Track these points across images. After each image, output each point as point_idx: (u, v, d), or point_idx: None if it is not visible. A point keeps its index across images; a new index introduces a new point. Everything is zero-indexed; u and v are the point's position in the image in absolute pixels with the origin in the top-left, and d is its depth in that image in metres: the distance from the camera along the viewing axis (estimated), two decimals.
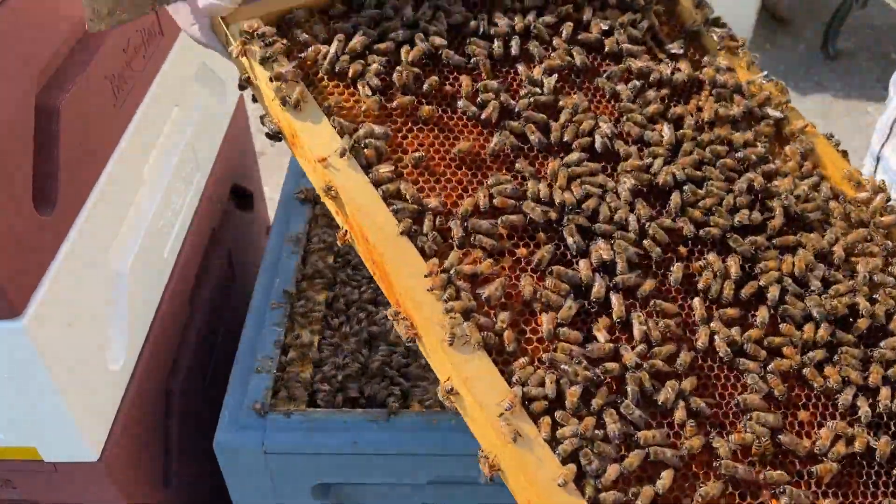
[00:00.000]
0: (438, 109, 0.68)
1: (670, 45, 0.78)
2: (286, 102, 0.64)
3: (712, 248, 0.67)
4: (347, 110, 0.67)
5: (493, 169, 0.67)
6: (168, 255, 0.98)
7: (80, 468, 0.82)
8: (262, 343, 0.91)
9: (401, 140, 0.66)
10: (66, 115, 0.72)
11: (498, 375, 0.58)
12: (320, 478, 0.85)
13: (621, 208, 0.65)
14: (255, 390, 0.86)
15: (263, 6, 0.68)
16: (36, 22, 0.70)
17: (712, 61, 0.78)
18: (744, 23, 2.98)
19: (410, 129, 0.67)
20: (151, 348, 0.92)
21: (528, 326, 0.61)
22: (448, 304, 0.58)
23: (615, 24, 0.76)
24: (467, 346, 0.58)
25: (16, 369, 0.71)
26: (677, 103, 0.75)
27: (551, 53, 0.73)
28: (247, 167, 1.34)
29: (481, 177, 0.66)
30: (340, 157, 0.62)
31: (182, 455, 1.00)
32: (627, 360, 0.59)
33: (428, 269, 0.60)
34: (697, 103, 0.75)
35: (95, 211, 0.79)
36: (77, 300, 0.76)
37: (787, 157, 0.75)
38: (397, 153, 0.66)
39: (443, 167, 0.66)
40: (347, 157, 0.63)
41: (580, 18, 0.76)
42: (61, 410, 0.75)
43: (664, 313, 0.63)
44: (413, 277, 0.60)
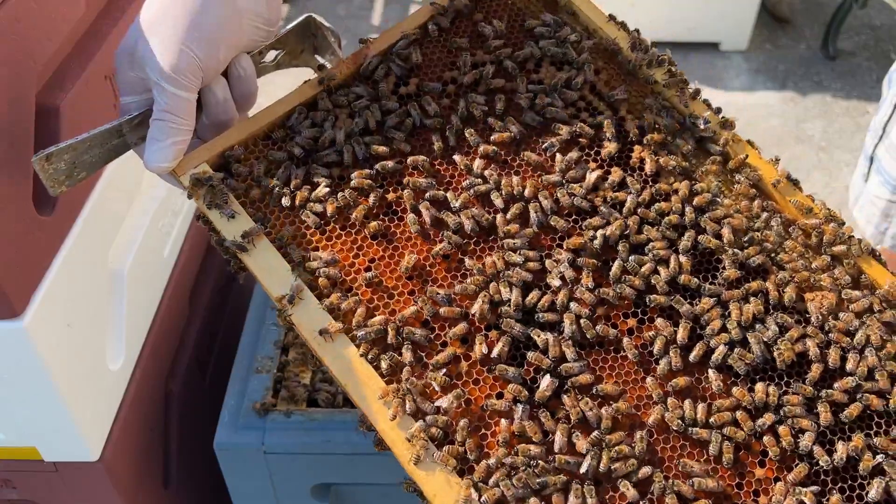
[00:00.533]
0: (385, 220, 0.68)
1: (612, 92, 0.76)
2: (242, 248, 0.64)
3: (661, 313, 0.66)
4: (300, 238, 0.67)
5: (443, 272, 0.66)
6: (168, 255, 0.98)
7: (79, 468, 0.82)
8: (262, 343, 0.91)
9: (353, 260, 0.66)
10: (66, 114, 0.72)
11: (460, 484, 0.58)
12: (320, 478, 0.85)
13: (562, 292, 0.65)
14: (255, 390, 0.86)
15: (210, 148, 0.68)
16: (36, 22, 0.70)
17: (653, 105, 0.75)
18: (744, 23, 2.98)
19: (360, 246, 0.67)
20: (151, 348, 0.92)
21: (489, 430, 0.61)
22: (408, 433, 0.59)
23: (547, 89, 0.74)
24: (434, 464, 0.58)
25: (16, 369, 0.71)
26: (619, 159, 0.73)
27: (489, 136, 0.72)
28: None
29: (431, 283, 0.66)
30: (290, 303, 0.63)
31: (182, 455, 1.00)
32: (582, 468, 0.59)
33: (382, 393, 0.60)
34: (640, 154, 0.73)
35: (95, 211, 0.79)
36: (77, 300, 0.76)
37: (737, 195, 0.73)
38: (350, 273, 0.66)
39: (394, 280, 0.65)
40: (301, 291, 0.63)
41: (514, 88, 0.75)
42: (61, 410, 0.75)
43: (610, 397, 0.62)
44: (375, 400, 0.60)
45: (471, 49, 0.77)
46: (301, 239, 0.67)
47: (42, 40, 0.71)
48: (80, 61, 0.77)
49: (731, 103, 2.88)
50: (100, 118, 0.79)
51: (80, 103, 0.74)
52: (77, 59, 0.77)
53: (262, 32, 0.69)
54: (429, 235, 0.68)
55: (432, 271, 0.67)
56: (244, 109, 0.72)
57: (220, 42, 0.65)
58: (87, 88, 0.76)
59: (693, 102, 0.77)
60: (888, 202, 1.12)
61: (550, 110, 0.74)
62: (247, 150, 0.70)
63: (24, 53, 0.68)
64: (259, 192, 0.68)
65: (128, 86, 0.66)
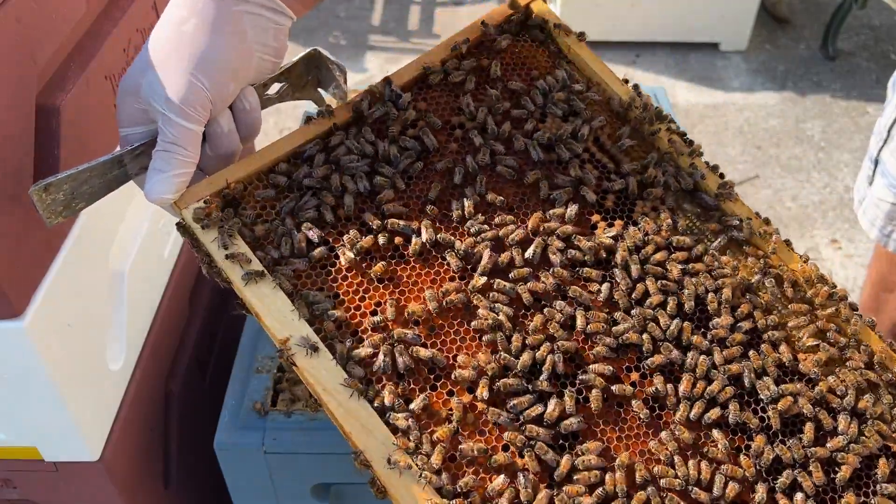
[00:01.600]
0: (391, 263, 0.68)
1: (616, 143, 0.76)
2: (247, 280, 0.64)
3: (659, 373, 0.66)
4: (304, 278, 0.66)
5: (449, 318, 0.66)
6: (168, 255, 0.98)
7: (80, 468, 0.82)
8: (262, 343, 0.91)
9: (358, 302, 0.66)
10: (66, 114, 0.72)
11: None
12: (320, 478, 0.85)
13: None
14: (255, 390, 0.86)
15: (212, 183, 0.67)
16: (37, 22, 0.70)
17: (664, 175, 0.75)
18: (743, 23, 2.99)
19: (367, 288, 0.66)
20: (151, 348, 0.92)
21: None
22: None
23: (553, 139, 0.75)
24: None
25: (16, 369, 0.71)
26: (623, 213, 0.74)
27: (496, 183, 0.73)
28: None
29: (438, 331, 0.65)
30: (302, 347, 0.62)
31: (182, 455, 1.00)
32: None
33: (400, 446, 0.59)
34: (643, 209, 0.74)
35: (95, 212, 0.78)
36: (77, 301, 0.76)
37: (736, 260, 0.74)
38: (356, 317, 0.65)
39: (399, 325, 0.65)
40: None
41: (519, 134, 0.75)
42: (61, 410, 0.75)
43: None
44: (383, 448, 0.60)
45: (475, 94, 0.77)
46: (306, 280, 0.66)
47: (42, 40, 0.71)
48: (80, 62, 0.77)
49: (730, 103, 2.88)
50: (100, 119, 0.79)
51: (81, 104, 0.75)
52: (78, 59, 0.77)
53: (269, 65, 0.69)
54: (435, 280, 0.67)
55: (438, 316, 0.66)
56: (248, 141, 0.72)
57: (229, 74, 0.65)
58: (87, 89, 0.76)
59: (697, 160, 0.78)
60: (892, 205, 1.12)
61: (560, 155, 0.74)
62: (249, 186, 0.69)
63: (24, 54, 0.68)
64: (263, 230, 0.67)
65: (130, 117, 0.66)
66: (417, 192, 0.72)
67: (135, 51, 0.87)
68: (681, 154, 0.77)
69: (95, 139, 0.80)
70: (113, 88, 0.82)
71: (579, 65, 0.80)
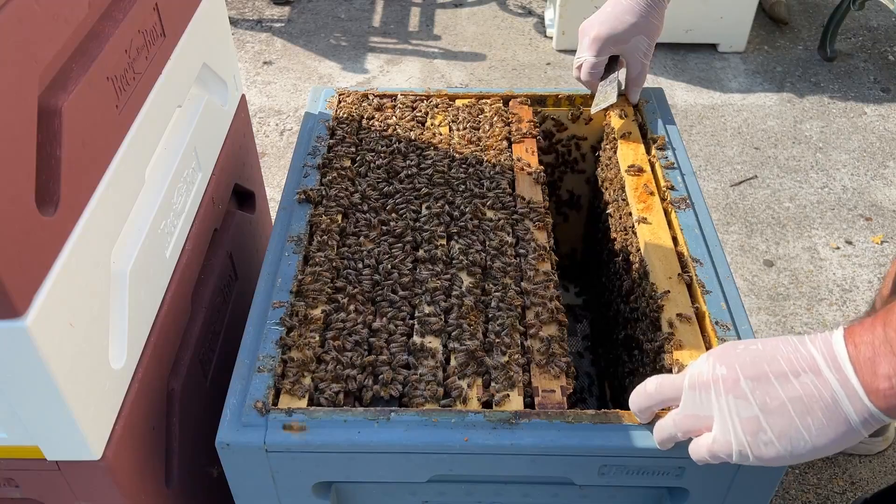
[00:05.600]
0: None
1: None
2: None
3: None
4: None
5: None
6: (170, 255, 0.98)
7: (82, 467, 0.82)
8: (264, 342, 0.92)
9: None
10: (68, 116, 0.72)
11: None
12: (321, 476, 0.85)
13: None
14: (257, 389, 0.86)
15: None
16: (38, 23, 0.70)
17: None
18: (742, 24, 2.99)
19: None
20: (153, 347, 0.92)
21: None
22: None
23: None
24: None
25: (18, 369, 0.72)
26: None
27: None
28: (249, 168, 1.35)
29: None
30: None
31: (183, 453, 1.00)
32: None
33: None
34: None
35: (98, 212, 0.79)
36: (79, 300, 0.76)
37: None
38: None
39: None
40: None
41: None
42: (63, 410, 0.75)
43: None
44: None
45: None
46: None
47: (44, 42, 0.72)
48: (82, 63, 0.77)
49: (728, 104, 2.88)
50: (102, 120, 0.80)
51: (83, 105, 0.75)
52: (79, 60, 0.77)
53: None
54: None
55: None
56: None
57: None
58: (89, 90, 0.76)
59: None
60: None
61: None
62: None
63: (26, 55, 0.68)
64: None
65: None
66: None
67: (136, 52, 0.87)
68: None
69: (98, 140, 0.80)
70: (115, 90, 0.82)
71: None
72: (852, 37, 3.16)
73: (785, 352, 0.65)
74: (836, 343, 0.63)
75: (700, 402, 0.69)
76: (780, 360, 0.65)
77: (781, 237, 2.28)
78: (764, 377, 0.65)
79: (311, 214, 1.09)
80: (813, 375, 0.63)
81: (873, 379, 0.60)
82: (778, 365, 0.64)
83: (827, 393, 0.62)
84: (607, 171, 1.31)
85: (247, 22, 3.23)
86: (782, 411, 0.63)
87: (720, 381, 0.67)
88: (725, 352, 0.68)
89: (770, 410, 0.64)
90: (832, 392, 0.62)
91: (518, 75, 2.97)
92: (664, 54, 3.04)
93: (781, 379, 0.64)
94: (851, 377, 0.61)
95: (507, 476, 0.87)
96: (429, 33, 3.19)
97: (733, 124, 2.71)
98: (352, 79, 2.88)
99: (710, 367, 0.68)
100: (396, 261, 1.03)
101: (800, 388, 0.63)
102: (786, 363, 0.64)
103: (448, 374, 0.89)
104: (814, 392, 0.62)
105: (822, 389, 0.62)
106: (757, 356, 0.66)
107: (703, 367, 0.69)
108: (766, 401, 0.64)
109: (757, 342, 0.67)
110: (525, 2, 3.48)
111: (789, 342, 0.66)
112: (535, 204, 1.12)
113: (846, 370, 0.61)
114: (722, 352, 0.68)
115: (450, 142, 1.24)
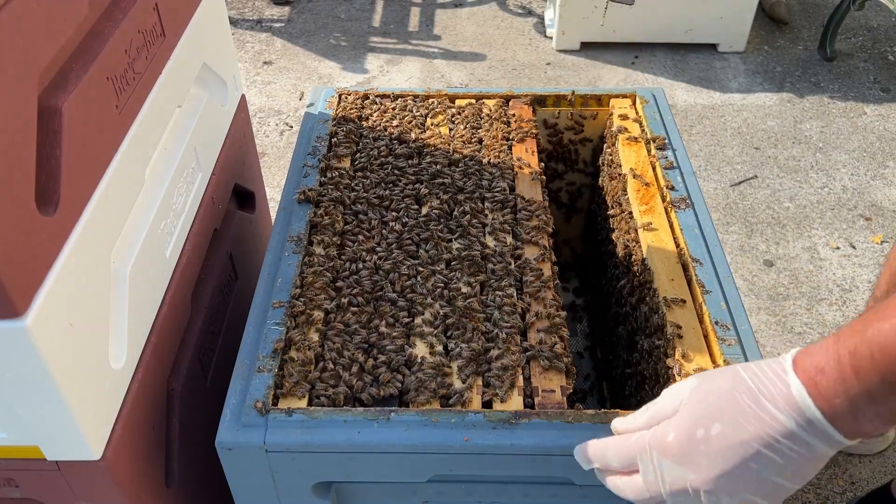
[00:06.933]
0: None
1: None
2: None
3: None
4: None
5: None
6: (170, 255, 0.98)
7: (82, 467, 0.82)
8: (264, 342, 0.92)
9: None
10: (68, 116, 0.72)
11: None
12: (321, 476, 0.85)
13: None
14: (257, 389, 0.86)
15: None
16: (38, 23, 0.70)
17: None
18: (742, 24, 2.99)
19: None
20: (153, 347, 0.92)
21: None
22: None
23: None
24: None
25: (18, 369, 0.72)
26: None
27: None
28: (249, 168, 1.35)
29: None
30: None
31: (183, 453, 1.00)
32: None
33: None
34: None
35: (98, 211, 0.79)
36: (79, 300, 0.76)
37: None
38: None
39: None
40: None
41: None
42: (63, 410, 0.75)
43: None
44: None
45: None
46: None
47: (44, 41, 0.72)
48: (82, 63, 0.77)
49: (728, 104, 2.88)
50: (102, 120, 0.80)
51: (83, 105, 0.75)
52: (79, 60, 0.77)
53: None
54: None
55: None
56: None
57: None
58: (89, 90, 0.76)
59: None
60: None
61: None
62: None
63: (26, 55, 0.68)
64: None
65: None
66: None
67: (136, 52, 0.88)
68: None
69: (98, 140, 0.80)
70: (115, 90, 0.82)
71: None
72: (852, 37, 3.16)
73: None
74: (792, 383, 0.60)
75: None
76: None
77: (781, 237, 2.28)
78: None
79: (311, 214, 1.09)
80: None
81: (811, 372, 0.59)
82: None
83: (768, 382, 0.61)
84: (609, 171, 1.31)
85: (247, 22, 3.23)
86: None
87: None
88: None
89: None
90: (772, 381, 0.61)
91: (518, 75, 2.97)
92: (664, 54, 3.04)
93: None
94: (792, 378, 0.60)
95: (507, 476, 0.87)
96: (429, 33, 3.19)
97: (733, 124, 2.71)
98: (352, 79, 2.88)
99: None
100: (396, 261, 1.03)
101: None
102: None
103: (448, 374, 0.89)
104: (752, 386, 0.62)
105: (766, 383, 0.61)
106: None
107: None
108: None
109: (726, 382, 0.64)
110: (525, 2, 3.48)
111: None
112: (535, 204, 1.12)
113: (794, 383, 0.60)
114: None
115: (450, 142, 1.24)
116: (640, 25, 2.96)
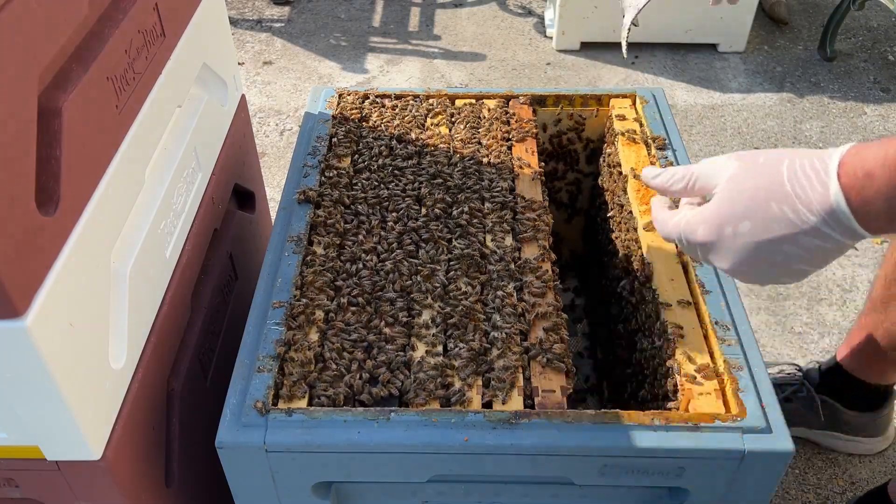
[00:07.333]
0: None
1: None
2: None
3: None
4: None
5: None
6: (170, 255, 0.99)
7: (82, 467, 0.82)
8: (264, 342, 0.92)
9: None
10: (68, 116, 0.72)
11: None
12: (321, 476, 0.85)
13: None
14: (257, 389, 0.86)
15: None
16: (38, 23, 0.70)
17: None
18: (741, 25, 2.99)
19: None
20: (153, 347, 0.92)
21: None
22: None
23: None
24: None
25: (18, 369, 0.72)
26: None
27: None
28: (249, 168, 1.35)
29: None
30: None
31: (183, 453, 1.00)
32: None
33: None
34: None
35: (98, 211, 0.79)
36: (79, 300, 0.76)
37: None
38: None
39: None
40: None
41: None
42: (63, 410, 0.75)
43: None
44: None
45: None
46: None
47: (44, 41, 0.72)
48: (82, 63, 0.77)
49: (728, 104, 2.88)
50: (102, 120, 0.80)
51: (83, 105, 0.75)
52: (79, 60, 0.77)
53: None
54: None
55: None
56: None
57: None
58: (89, 90, 0.76)
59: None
60: None
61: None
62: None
63: (26, 55, 0.68)
64: None
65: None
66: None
67: (136, 52, 0.87)
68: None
69: (98, 140, 0.80)
70: (115, 90, 0.82)
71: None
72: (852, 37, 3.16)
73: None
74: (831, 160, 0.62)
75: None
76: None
77: None
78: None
79: (311, 214, 1.09)
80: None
81: (858, 175, 0.59)
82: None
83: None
84: (609, 171, 1.31)
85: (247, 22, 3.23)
86: (754, 195, 0.64)
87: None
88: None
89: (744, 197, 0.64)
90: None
91: (518, 75, 2.97)
92: (664, 54, 3.05)
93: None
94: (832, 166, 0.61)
95: (507, 476, 0.87)
96: (429, 33, 3.19)
97: (733, 124, 2.71)
98: (352, 79, 2.88)
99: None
100: (396, 261, 1.03)
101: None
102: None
103: (448, 374, 0.89)
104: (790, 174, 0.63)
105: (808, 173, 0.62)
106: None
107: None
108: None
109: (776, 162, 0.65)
110: (525, 2, 3.48)
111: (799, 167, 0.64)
112: (534, 203, 1.12)
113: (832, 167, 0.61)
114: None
115: (450, 142, 1.24)
116: (640, 26, 2.96)
